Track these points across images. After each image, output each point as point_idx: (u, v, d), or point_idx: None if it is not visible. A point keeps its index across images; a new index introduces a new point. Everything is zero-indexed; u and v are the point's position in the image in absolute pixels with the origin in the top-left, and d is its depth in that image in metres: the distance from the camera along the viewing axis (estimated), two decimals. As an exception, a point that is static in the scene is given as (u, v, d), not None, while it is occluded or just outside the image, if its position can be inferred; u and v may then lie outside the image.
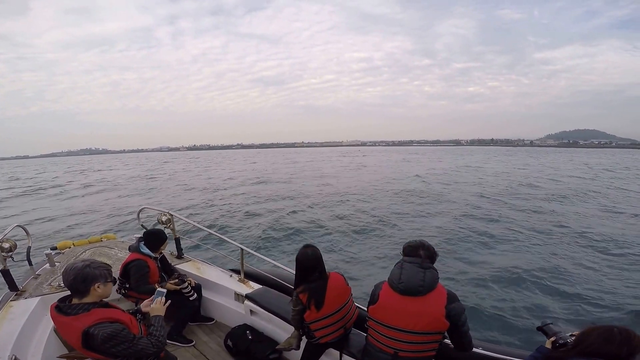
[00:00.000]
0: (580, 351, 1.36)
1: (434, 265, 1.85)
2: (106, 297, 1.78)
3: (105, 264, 1.79)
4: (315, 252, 2.19)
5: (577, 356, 1.36)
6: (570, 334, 1.53)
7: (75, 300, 1.67)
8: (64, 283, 1.71)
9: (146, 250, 2.94)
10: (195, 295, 3.09)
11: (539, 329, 1.70)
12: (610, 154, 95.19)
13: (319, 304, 2.10)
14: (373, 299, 1.88)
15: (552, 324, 1.67)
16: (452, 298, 1.75)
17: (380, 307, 1.81)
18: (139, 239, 3.04)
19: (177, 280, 2.99)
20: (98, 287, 1.69)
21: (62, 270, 1.61)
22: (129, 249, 3.01)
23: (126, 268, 2.87)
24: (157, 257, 3.06)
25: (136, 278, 2.81)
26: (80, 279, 1.64)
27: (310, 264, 2.15)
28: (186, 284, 3.02)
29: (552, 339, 1.57)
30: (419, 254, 1.83)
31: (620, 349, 1.27)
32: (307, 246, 2.25)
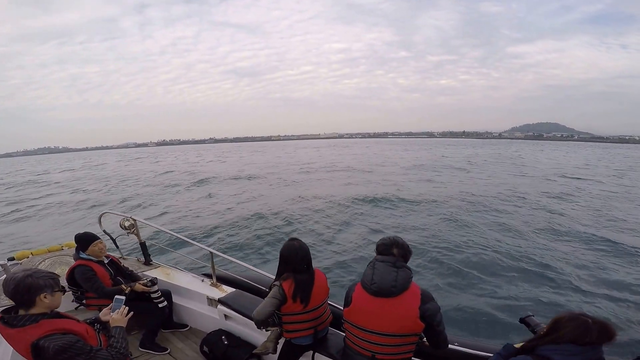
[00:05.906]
0: (553, 340, 1.36)
1: (407, 264, 1.80)
2: (56, 308, 1.64)
3: (51, 272, 1.65)
4: (303, 245, 2.11)
5: (549, 344, 1.36)
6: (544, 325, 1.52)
7: (21, 312, 1.53)
8: (5, 294, 1.55)
9: (84, 255, 2.84)
10: (165, 302, 2.98)
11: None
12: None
13: (305, 298, 2.01)
14: (347, 301, 1.83)
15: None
16: (426, 298, 1.70)
17: (355, 310, 1.76)
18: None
19: (146, 281, 2.87)
20: (45, 297, 1.55)
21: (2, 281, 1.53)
22: (73, 258, 2.92)
23: (72, 276, 2.78)
24: (102, 261, 2.91)
25: (85, 284, 2.72)
26: (22, 290, 1.50)
27: (299, 256, 2.04)
28: (156, 287, 2.92)
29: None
30: (393, 252, 1.77)
31: (596, 340, 1.28)
32: (293, 239, 2.14)
